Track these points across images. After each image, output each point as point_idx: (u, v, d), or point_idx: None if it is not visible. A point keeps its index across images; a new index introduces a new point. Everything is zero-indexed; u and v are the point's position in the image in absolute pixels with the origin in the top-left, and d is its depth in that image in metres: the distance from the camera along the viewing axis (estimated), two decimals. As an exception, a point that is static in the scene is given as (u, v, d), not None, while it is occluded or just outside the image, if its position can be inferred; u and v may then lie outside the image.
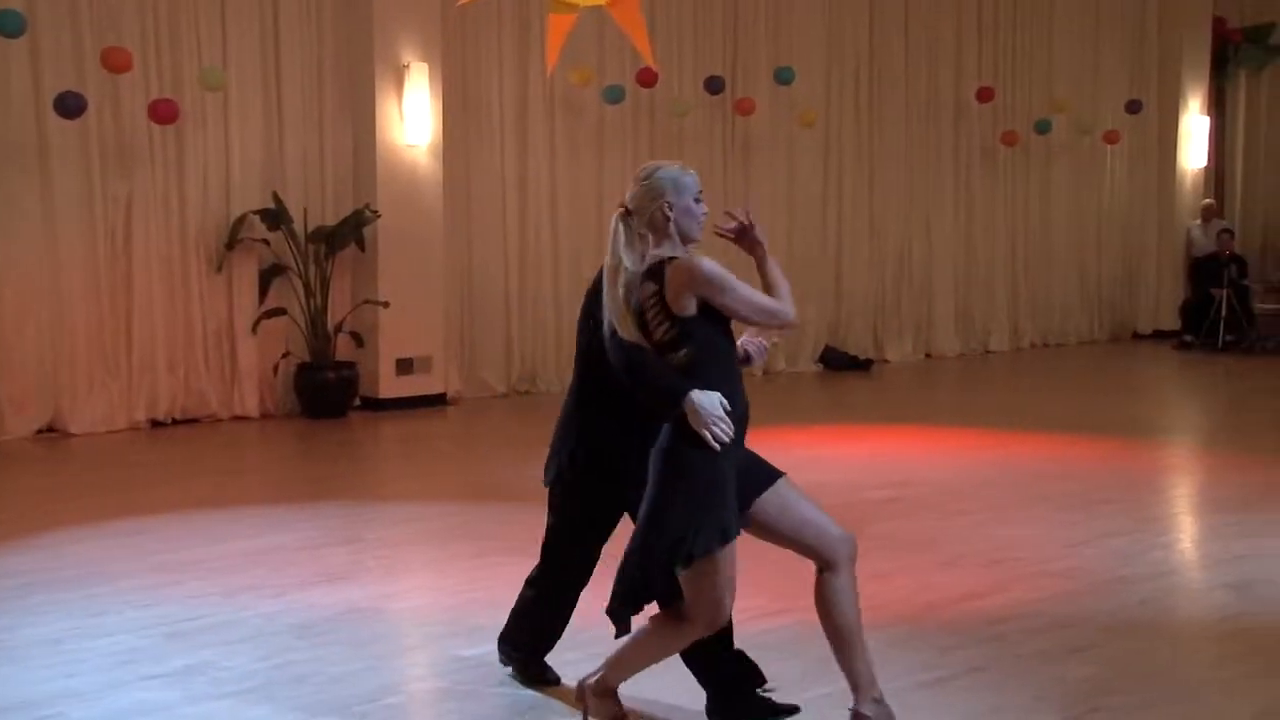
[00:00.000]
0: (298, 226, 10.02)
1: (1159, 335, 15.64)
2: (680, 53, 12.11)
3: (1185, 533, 6.90)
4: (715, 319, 3.64)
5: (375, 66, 10.27)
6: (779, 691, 3.99)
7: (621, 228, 3.65)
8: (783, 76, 12.43)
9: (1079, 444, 9.00)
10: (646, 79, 11.32)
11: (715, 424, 3.54)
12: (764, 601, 5.02)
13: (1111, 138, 15.17)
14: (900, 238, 13.95)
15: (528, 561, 4.37)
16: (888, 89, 13.64)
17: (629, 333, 3.63)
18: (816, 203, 13.29)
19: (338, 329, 10.25)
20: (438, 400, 10.72)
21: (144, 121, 9.48)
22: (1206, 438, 10.00)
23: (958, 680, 4.36)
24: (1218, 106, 16.49)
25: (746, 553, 3.74)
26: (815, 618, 3.77)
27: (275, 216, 9.90)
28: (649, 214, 3.66)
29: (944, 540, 6.30)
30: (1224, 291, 14.28)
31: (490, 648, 4.46)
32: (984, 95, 14.11)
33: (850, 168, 13.51)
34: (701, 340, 3.61)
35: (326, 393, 10.20)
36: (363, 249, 10.33)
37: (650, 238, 3.65)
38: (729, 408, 3.57)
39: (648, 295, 3.61)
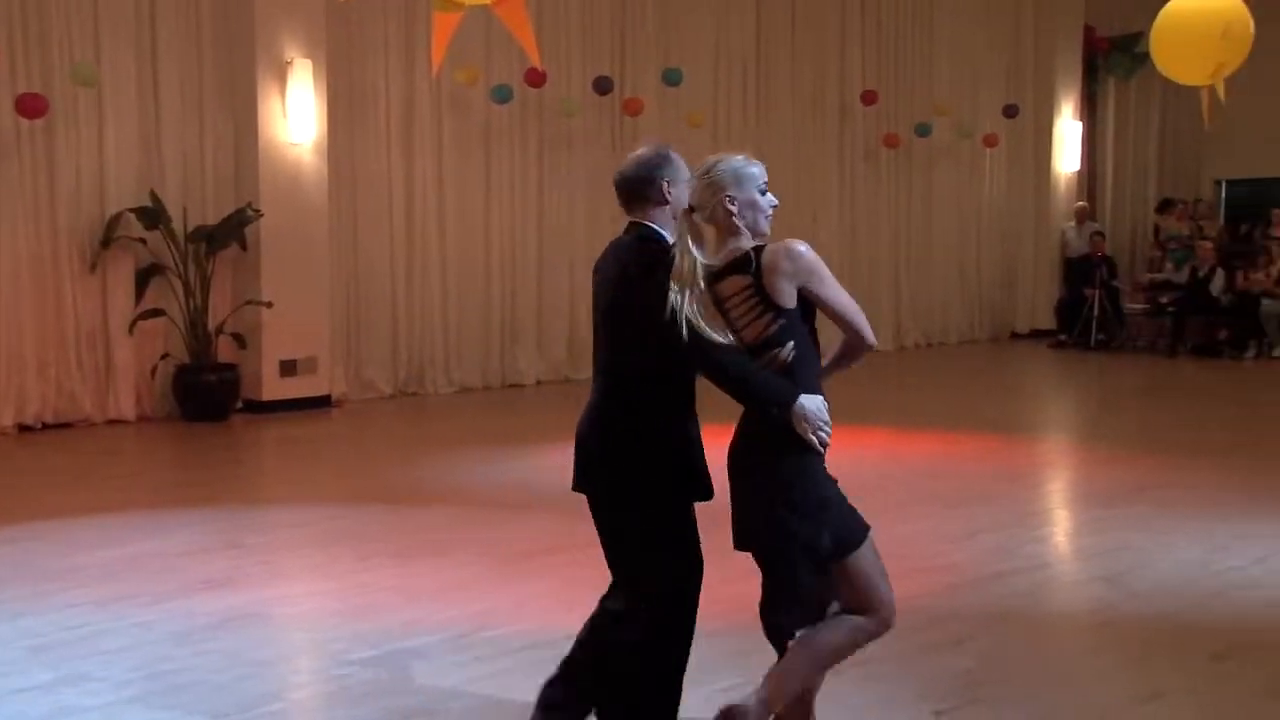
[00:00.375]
0: (177, 225, 9.77)
1: (1036, 334, 16.09)
2: (568, 53, 12.09)
3: (1060, 527, 7.09)
4: (806, 314, 3.39)
5: (257, 62, 10.08)
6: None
7: (686, 225, 3.40)
8: (671, 77, 12.50)
9: (961, 442, 9.20)
10: (534, 79, 11.29)
11: (821, 429, 3.35)
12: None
13: (990, 141, 15.58)
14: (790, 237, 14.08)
15: (411, 564, 4.31)
16: (774, 91, 13.81)
17: (719, 333, 3.32)
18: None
19: (219, 330, 10.03)
20: (323, 402, 10.55)
21: (11, 116, 9.16)
22: (1080, 434, 10.30)
23: (847, 674, 4.41)
24: (1089, 112, 17.02)
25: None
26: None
27: (153, 215, 9.64)
28: (710, 209, 3.43)
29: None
30: (1096, 292, 14.74)
31: (373, 651, 4.39)
32: (868, 98, 14.37)
33: (738, 169, 13.60)
34: (800, 336, 3.36)
35: (207, 395, 9.96)
36: (245, 248, 10.12)
37: (716, 234, 3.39)
38: (830, 411, 3.37)
39: (737, 290, 3.34)
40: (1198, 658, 4.61)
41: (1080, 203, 16.47)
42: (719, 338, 3.32)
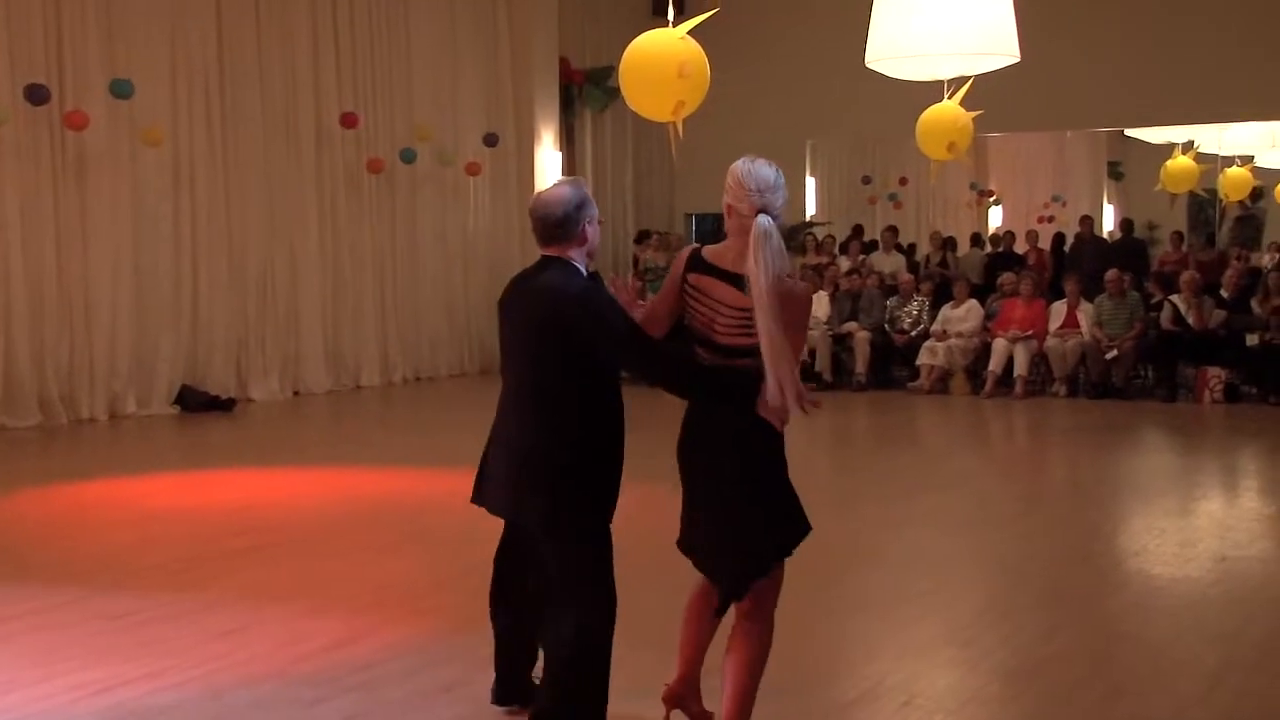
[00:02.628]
0: None
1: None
2: (-9, 54, 10.94)
3: (554, 556, 7.18)
4: None
5: None
6: None
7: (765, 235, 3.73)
8: (120, 89, 11.62)
9: (449, 478, 9.11)
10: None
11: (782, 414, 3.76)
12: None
13: (473, 169, 15.83)
14: (263, 270, 13.54)
15: None
16: (243, 110, 13.20)
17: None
18: (167, 229, 12.54)
19: None
20: None
21: None
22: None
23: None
24: (569, 143, 17.79)
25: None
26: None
27: None
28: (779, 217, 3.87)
29: (314, 586, 6.07)
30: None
31: None
32: (348, 121, 14.13)
33: (205, 192, 12.88)
34: None
35: None
36: None
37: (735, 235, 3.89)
38: None
39: (734, 302, 3.78)
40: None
41: (563, 233, 17.08)
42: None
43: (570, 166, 17.76)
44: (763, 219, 3.74)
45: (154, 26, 12.29)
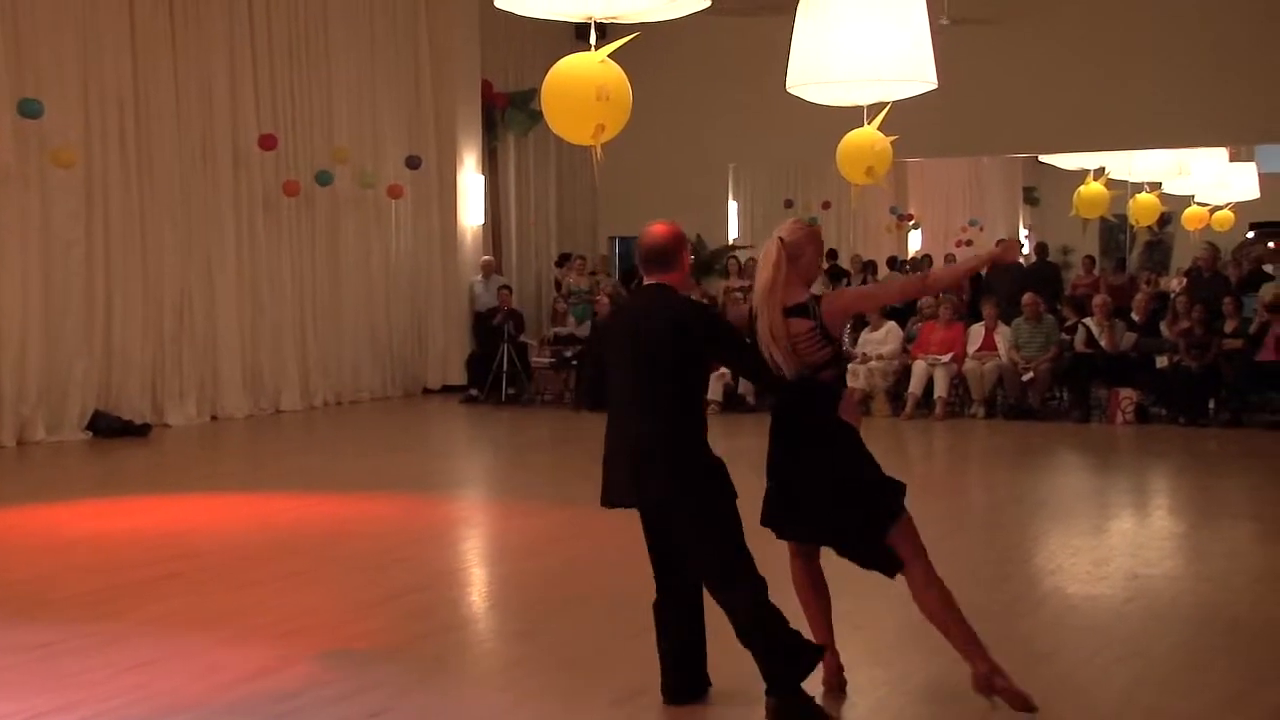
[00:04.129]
0: None
1: (448, 390, 16.44)
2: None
3: (474, 586, 7.16)
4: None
5: None
6: None
7: (780, 253, 4.61)
8: (28, 109, 11.43)
9: (372, 502, 9.09)
10: None
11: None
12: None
13: (395, 192, 15.76)
14: (179, 292, 13.37)
15: None
16: (158, 130, 13.05)
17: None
18: (79, 250, 12.34)
19: None
20: None
21: None
22: (492, 489, 10.58)
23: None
24: (492, 166, 17.79)
25: None
26: None
27: None
28: (803, 256, 4.65)
29: (232, 614, 6.00)
30: (504, 346, 15.33)
31: None
32: (266, 143, 14.01)
33: (118, 213, 12.71)
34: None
35: None
36: None
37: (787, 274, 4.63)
38: None
39: (803, 330, 4.57)
40: (599, 701, 4.79)
41: (486, 257, 17.11)
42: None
43: (494, 189, 17.77)
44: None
45: (64, 45, 12.11)
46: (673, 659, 4.68)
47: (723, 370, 14.26)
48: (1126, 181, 18.88)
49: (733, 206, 19.53)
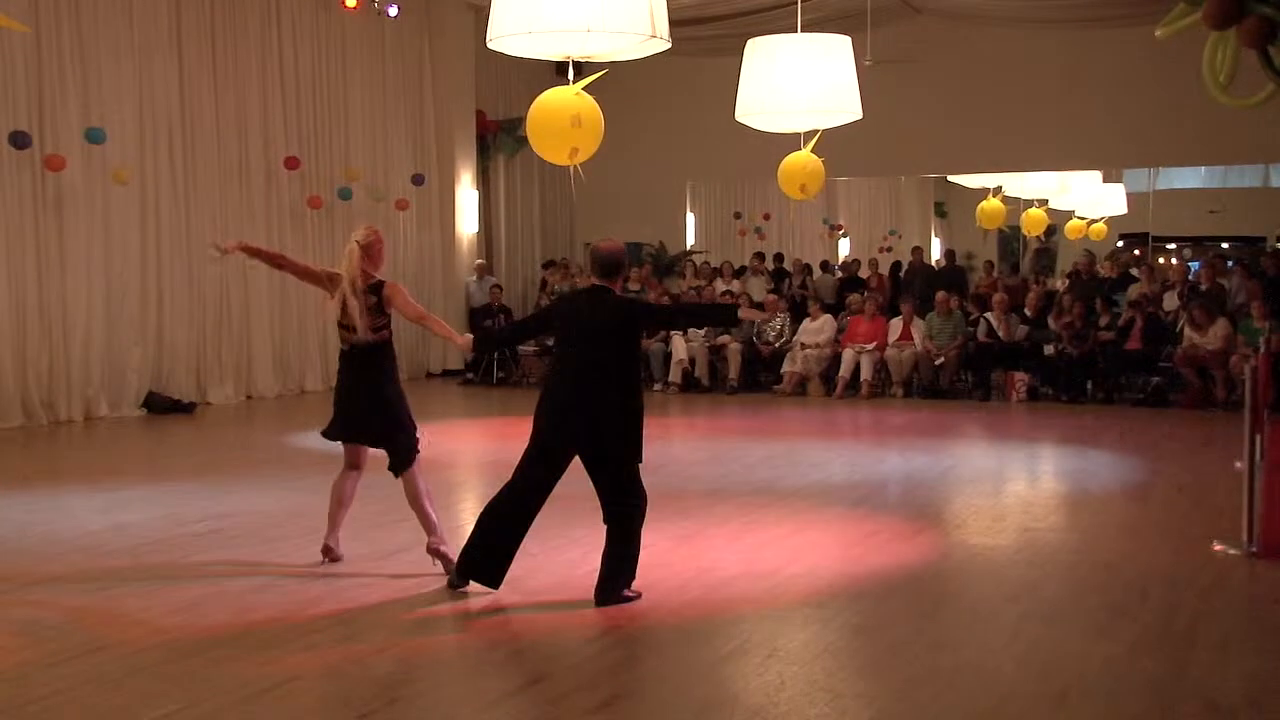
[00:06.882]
0: None
1: (448, 374, 16.41)
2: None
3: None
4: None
5: None
6: None
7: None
8: (93, 136, 11.34)
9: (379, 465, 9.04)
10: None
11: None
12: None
13: (402, 205, 15.72)
14: (219, 289, 13.31)
15: None
16: (201, 152, 12.98)
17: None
18: (135, 256, 12.27)
19: None
20: None
21: None
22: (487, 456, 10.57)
23: (276, 690, 4.15)
24: (484, 182, 17.74)
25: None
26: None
27: None
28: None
29: (260, 565, 6.00)
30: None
31: None
32: (291, 163, 13.95)
33: (168, 223, 12.64)
34: None
35: None
36: None
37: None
38: None
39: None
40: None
41: (480, 260, 17.08)
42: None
43: (486, 203, 17.73)
44: None
45: (123, 79, 12.02)
46: (507, 553, 5.29)
47: (681, 357, 14.34)
48: (1019, 198, 19.02)
49: (690, 218, 19.54)
